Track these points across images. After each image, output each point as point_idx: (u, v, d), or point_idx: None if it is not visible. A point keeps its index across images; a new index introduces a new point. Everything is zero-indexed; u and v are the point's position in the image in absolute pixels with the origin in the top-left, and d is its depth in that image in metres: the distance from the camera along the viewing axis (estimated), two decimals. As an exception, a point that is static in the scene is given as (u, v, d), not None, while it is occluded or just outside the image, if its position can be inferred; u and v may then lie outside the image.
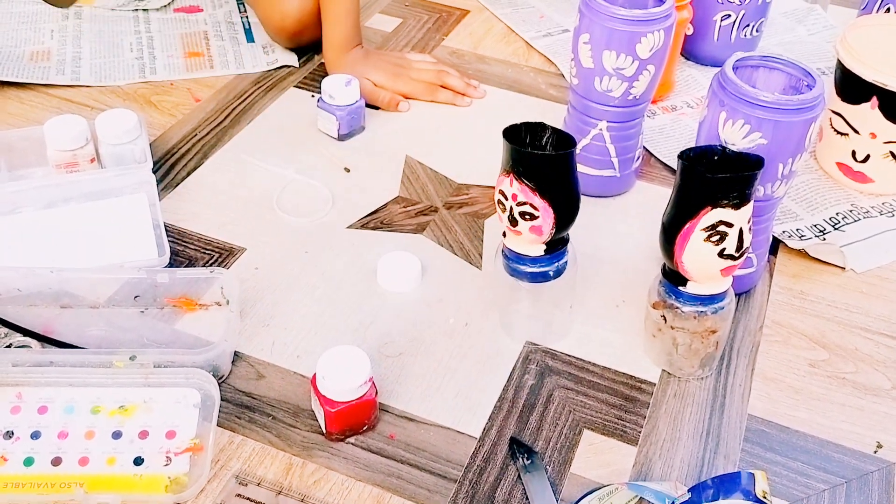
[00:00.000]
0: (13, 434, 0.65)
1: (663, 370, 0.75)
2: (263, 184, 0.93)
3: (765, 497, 0.57)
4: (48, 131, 0.87)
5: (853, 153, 0.94)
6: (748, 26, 1.13)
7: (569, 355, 0.76)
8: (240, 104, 1.06)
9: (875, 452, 0.70)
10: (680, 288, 0.70)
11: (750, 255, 0.80)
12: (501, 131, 0.68)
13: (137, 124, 0.90)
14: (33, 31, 1.17)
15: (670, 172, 0.99)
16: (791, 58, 0.75)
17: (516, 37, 1.23)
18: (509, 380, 0.74)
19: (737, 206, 0.65)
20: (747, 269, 0.81)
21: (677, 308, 0.71)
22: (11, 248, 0.82)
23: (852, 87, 0.91)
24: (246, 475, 0.65)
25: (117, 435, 0.66)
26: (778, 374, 0.76)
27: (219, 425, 0.68)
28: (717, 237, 0.66)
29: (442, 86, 1.08)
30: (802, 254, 0.88)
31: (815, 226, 0.91)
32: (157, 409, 0.67)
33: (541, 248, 0.71)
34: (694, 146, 0.70)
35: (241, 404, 0.71)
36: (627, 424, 0.71)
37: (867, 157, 0.93)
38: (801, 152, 0.73)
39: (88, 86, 1.07)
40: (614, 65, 0.83)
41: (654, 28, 0.81)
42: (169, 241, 0.83)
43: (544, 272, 0.73)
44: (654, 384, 0.74)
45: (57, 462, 0.64)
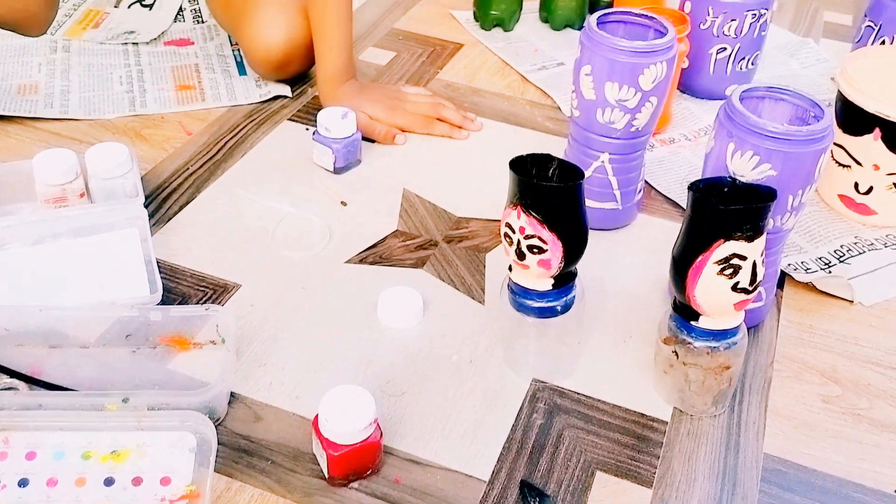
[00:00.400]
0: (-1, 482, 0.62)
1: (675, 409, 0.73)
2: (258, 218, 0.91)
3: None
4: (37, 165, 0.85)
5: (856, 185, 0.93)
6: (743, 59, 1.13)
7: (577, 393, 0.74)
8: (232, 137, 1.04)
9: (895, 492, 0.68)
10: (692, 323, 0.68)
11: (759, 288, 0.78)
12: (508, 162, 0.66)
13: (128, 158, 0.88)
14: (21, 65, 1.15)
15: (672, 205, 0.98)
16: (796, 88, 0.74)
17: (511, 70, 1.22)
18: (517, 419, 0.71)
19: (750, 239, 0.63)
20: (756, 303, 0.79)
21: (689, 343, 0.69)
22: (-3, 286, 0.79)
23: (854, 119, 0.90)
24: (245, 523, 0.62)
25: (110, 482, 0.62)
26: (792, 411, 0.74)
27: (216, 471, 0.65)
28: (730, 270, 0.64)
29: (438, 118, 1.06)
30: (809, 287, 0.86)
31: (821, 258, 0.90)
32: (151, 454, 0.64)
33: (549, 282, 0.69)
34: (703, 178, 0.68)
35: (239, 448, 0.68)
36: (641, 465, 0.68)
37: (870, 189, 0.92)
38: (810, 184, 0.72)
39: (77, 119, 1.05)
40: (617, 96, 0.82)
41: (656, 59, 0.80)
42: (161, 277, 0.80)
43: (552, 307, 0.70)
44: (667, 423, 0.72)
45: (45, 511, 0.60)
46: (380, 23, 1.33)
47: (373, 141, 1.04)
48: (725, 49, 1.11)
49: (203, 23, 1.28)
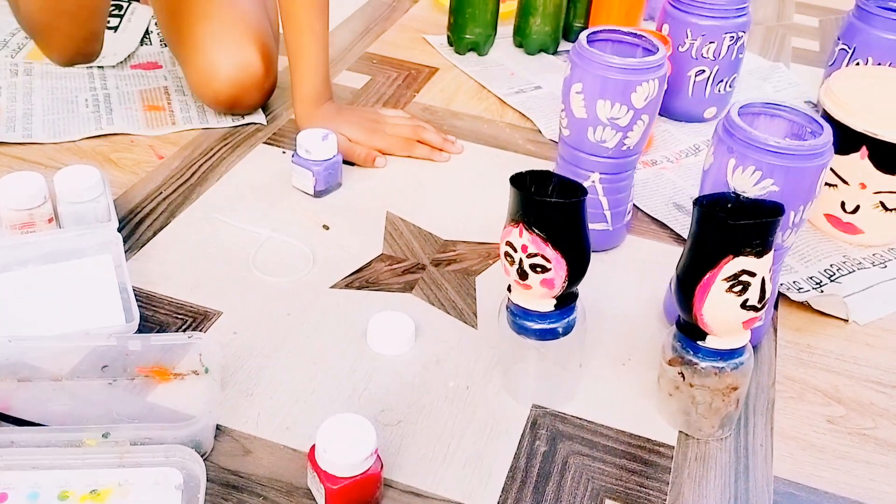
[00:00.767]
0: (-34, 527, 0.57)
1: (681, 434, 0.71)
2: (237, 243, 0.87)
3: None
4: (2, 189, 0.80)
5: (842, 204, 0.93)
6: (722, 81, 1.13)
7: (579, 418, 0.71)
8: (206, 161, 1.00)
9: (908, 512, 0.66)
10: (698, 343, 0.66)
11: (760, 307, 0.77)
12: (509, 179, 0.64)
13: (100, 181, 0.84)
14: (-21, 88, 1.10)
15: (659, 226, 0.96)
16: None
17: (488, 93, 1.21)
18: (519, 447, 0.68)
19: (759, 255, 0.62)
20: (756, 323, 0.77)
21: (696, 364, 0.67)
22: (-40, 317, 0.74)
23: (841, 138, 0.90)
24: (238, 565, 0.58)
25: (89, 524, 0.58)
26: (798, 433, 0.72)
27: (204, 509, 0.61)
28: (739, 287, 0.62)
29: (419, 141, 1.04)
30: (802, 307, 0.85)
31: (812, 278, 0.89)
32: (135, 493, 0.59)
33: (551, 302, 0.67)
34: (707, 194, 0.66)
35: (227, 484, 0.63)
36: (651, 492, 0.66)
37: (857, 208, 0.92)
38: (811, 199, 0.71)
39: (42, 143, 1.01)
40: (608, 114, 0.80)
41: (648, 77, 0.79)
42: (137, 305, 0.76)
43: (553, 329, 0.68)
44: (673, 447, 0.69)
45: (19, 559, 0.56)
46: (352, 47, 1.31)
47: (352, 164, 1.01)
48: (704, 71, 1.11)
49: (171, 46, 1.24)
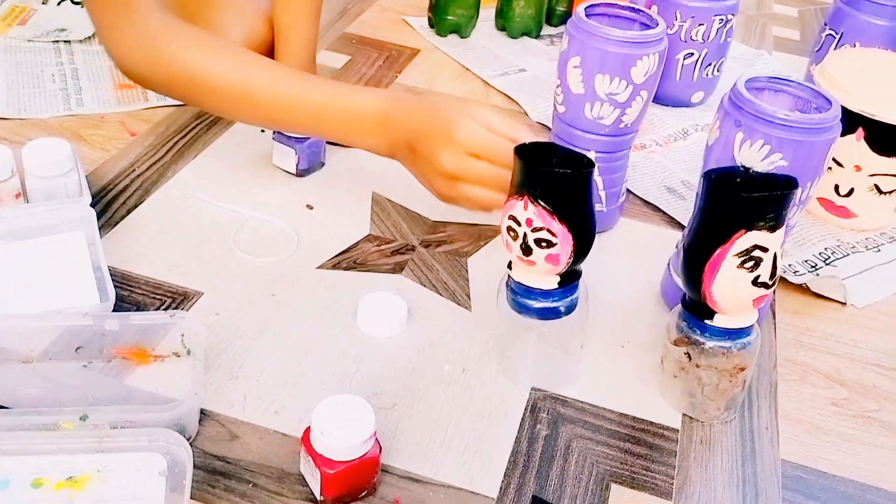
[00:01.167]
0: (-70, 518, 0.52)
1: (685, 416, 0.68)
2: (216, 222, 0.83)
3: None
4: (-35, 161, 0.75)
5: (836, 187, 0.92)
6: (710, 65, 1.12)
7: (580, 401, 0.68)
8: (181, 138, 0.96)
9: (918, 495, 0.65)
10: (706, 322, 0.64)
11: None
12: (514, 149, 0.61)
13: (71, 155, 0.79)
14: (-62, 61, 1.04)
15: (651, 209, 0.94)
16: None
17: (472, 75, 1.18)
18: (520, 430, 0.65)
19: (772, 229, 0.59)
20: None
21: (703, 344, 0.65)
22: (-79, 296, 0.69)
23: (836, 119, 0.89)
24: (227, 555, 0.54)
25: (66, 513, 0.54)
26: (803, 415, 0.70)
27: (191, 496, 0.57)
28: (751, 263, 0.60)
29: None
30: (800, 290, 0.84)
31: (807, 261, 0.87)
32: (115, 480, 0.55)
33: (554, 280, 0.64)
34: (716, 168, 0.64)
35: (214, 470, 0.60)
36: (657, 476, 0.63)
37: (851, 191, 0.91)
38: (819, 176, 0.69)
39: (6, 118, 0.95)
40: (607, 90, 0.78)
41: (649, 51, 0.77)
42: (112, 284, 0.71)
43: (555, 308, 0.65)
44: (678, 430, 0.67)
45: (-11, 551, 0.51)
46: (330, 27, 1.27)
47: (336, 144, 0.97)
48: (693, 54, 1.10)
49: (142, 22, 1.19)
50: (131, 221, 0.82)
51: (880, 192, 0.90)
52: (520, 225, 0.62)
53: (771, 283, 0.61)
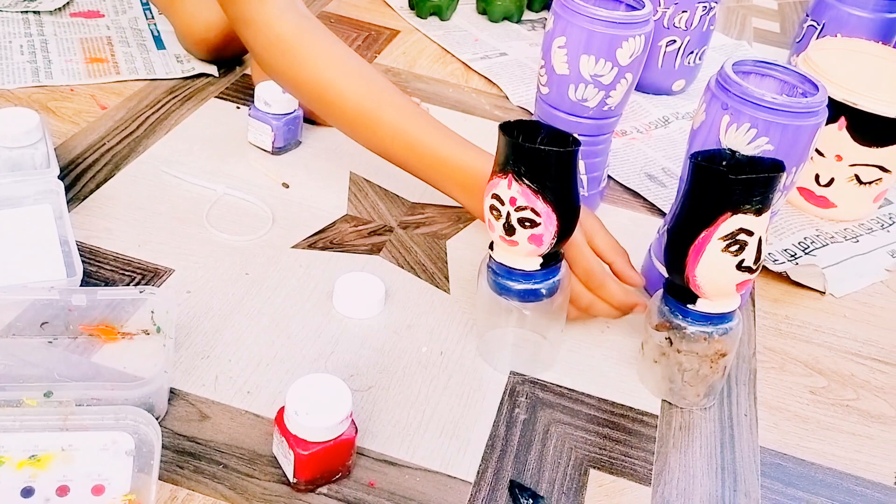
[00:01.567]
0: None
1: (664, 402, 0.67)
2: (189, 199, 0.81)
3: None
4: (-73, 129, 0.73)
5: (816, 177, 0.91)
6: (692, 53, 1.11)
7: (559, 386, 0.67)
8: (153, 113, 0.93)
9: (895, 483, 0.64)
10: (688, 306, 0.63)
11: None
12: (498, 126, 0.60)
13: (39, 125, 0.77)
14: None
15: (632, 195, 0.93)
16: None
17: (452, 58, 1.16)
18: (499, 414, 0.64)
19: (758, 213, 0.59)
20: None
21: (684, 329, 0.64)
22: None
23: (818, 108, 0.89)
24: (196, 538, 0.53)
25: (28, 492, 0.51)
26: (782, 403, 0.70)
27: (158, 477, 0.55)
28: (736, 247, 0.59)
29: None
30: (779, 278, 0.83)
31: (786, 250, 0.87)
32: (80, 459, 0.53)
33: (537, 261, 0.63)
34: (702, 150, 0.63)
35: (183, 451, 0.58)
36: (636, 462, 0.62)
37: (831, 181, 0.91)
38: (804, 161, 0.68)
39: (-29, 88, 0.92)
40: (592, 71, 0.77)
41: (635, 32, 0.76)
42: (80, 260, 0.69)
43: (536, 290, 0.64)
44: (657, 416, 0.66)
45: (-55, 531, 0.49)
46: (309, 6, 1.25)
47: (313, 122, 0.95)
48: (675, 42, 1.09)
49: (114, -5, 1.16)
50: (100, 196, 0.80)
51: (860, 182, 0.90)
52: (503, 204, 0.60)
53: (755, 267, 0.61)
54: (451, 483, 0.58)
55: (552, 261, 0.63)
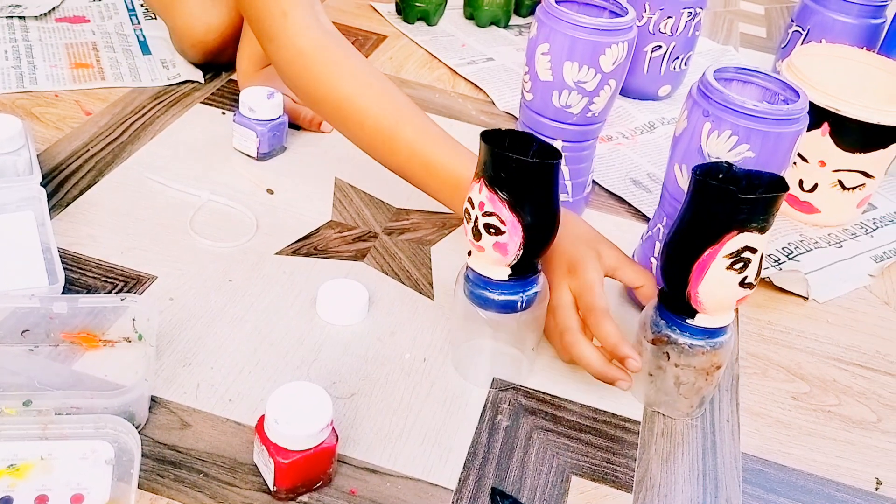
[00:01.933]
0: None
1: (646, 408, 0.68)
2: (172, 205, 0.81)
3: None
4: None
5: (800, 183, 0.92)
6: (678, 59, 1.11)
7: (543, 393, 0.68)
8: (138, 119, 0.93)
9: (876, 489, 0.64)
10: (687, 321, 0.62)
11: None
12: (480, 133, 0.60)
13: (21, 131, 0.77)
14: None
15: (617, 201, 0.93)
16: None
17: (439, 63, 1.16)
18: (481, 421, 0.64)
19: (763, 230, 0.58)
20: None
21: (683, 344, 0.63)
22: None
23: (802, 114, 0.89)
24: (176, 547, 0.52)
25: (7, 502, 0.51)
26: (764, 409, 0.70)
27: (138, 486, 0.55)
28: (740, 265, 0.58)
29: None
30: (763, 283, 0.83)
31: (770, 256, 0.87)
32: (60, 468, 0.53)
33: (505, 271, 0.62)
34: (701, 164, 0.62)
35: (164, 459, 0.57)
36: (618, 468, 0.62)
37: (815, 187, 0.91)
38: (785, 167, 0.68)
39: (-46, 93, 0.92)
40: (575, 78, 0.77)
41: (618, 39, 0.76)
42: (62, 267, 0.69)
43: (511, 301, 0.63)
44: (639, 423, 0.66)
45: (-78, 541, 0.49)
46: (296, 11, 1.25)
47: (297, 127, 0.95)
48: (661, 47, 1.09)
49: (99, 0, 1.16)
50: (83, 203, 0.79)
51: (844, 187, 0.90)
52: (473, 208, 0.60)
53: (755, 283, 0.60)
54: (433, 491, 0.58)
55: (524, 272, 0.62)
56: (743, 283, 0.59)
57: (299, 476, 0.55)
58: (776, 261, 0.87)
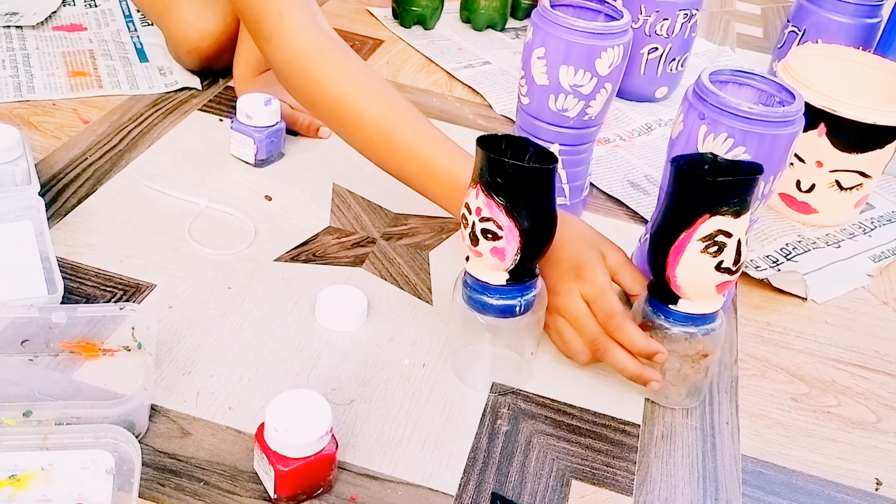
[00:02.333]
0: None
1: (646, 411, 0.68)
2: (171, 213, 0.81)
3: None
4: None
5: (798, 183, 0.92)
6: (674, 60, 1.11)
7: (542, 396, 0.68)
8: (136, 127, 0.93)
9: (876, 490, 0.65)
10: (670, 307, 0.63)
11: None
12: (476, 138, 0.60)
13: (19, 141, 0.77)
14: None
15: (615, 203, 0.94)
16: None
17: (435, 67, 1.17)
18: (481, 426, 0.64)
19: (737, 214, 0.59)
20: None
21: (666, 329, 0.64)
22: None
23: (798, 115, 0.89)
24: (177, 556, 0.53)
25: (7, 513, 0.51)
26: (763, 410, 0.70)
27: (139, 495, 0.55)
28: (714, 248, 0.60)
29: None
30: (761, 284, 0.84)
31: (768, 256, 0.87)
32: (60, 478, 0.53)
33: (502, 276, 0.62)
34: (683, 154, 0.63)
35: (164, 468, 0.58)
36: (618, 472, 0.63)
37: (812, 187, 0.91)
38: (781, 169, 0.69)
39: (-48, 103, 0.92)
40: (571, 81, 0.77)
41: (614, 42, 0.76)
42: (61, 276, 0.69)
43: (510, 306, 0.63)
44: (639, 426, 0.66)
45: (-77, 553, 0.49)
46: (292, 17, 1.25)
47: (295, 133, 0.95)
48: (657, 49, 1.09)
49: (95, 7, 1.16)
50: (82, 211, 0.80)
51: (841, 188, 0.90)
52: (470, 213, 0.60)
53: (735, 269, 0.61)
54: (433, 496, 0.58)
55: (522, 277, 0.63)
56: (720, 268, 0.60)
57: (299, 483, 0.55)
58: (774, 261, 0.87)
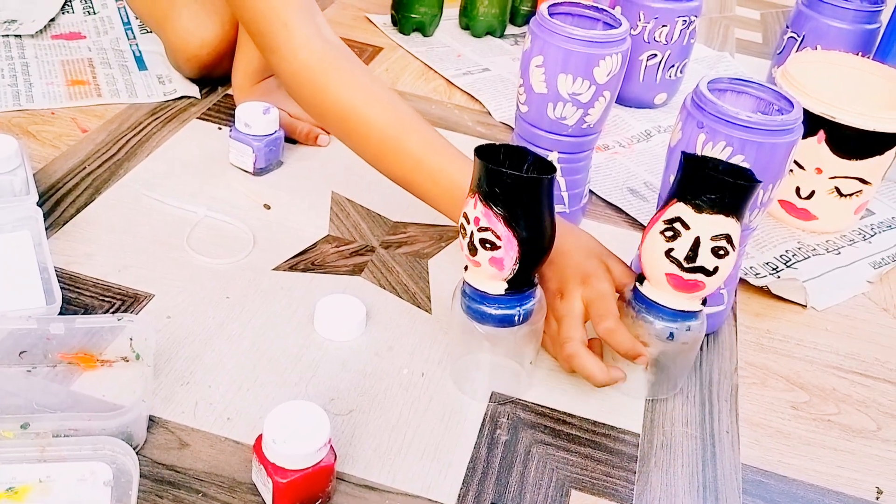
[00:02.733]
0: None
1: (645, 420, 0.68)
2: (169, 222, 0.81)
3: None
4: None
5: (797, 190, 0.92)
6: (673, 67, 1.11)
7: (541, 406, 0.67)
8: (134, 136, 0.93)
9: (877, 499, 0.64)
10: (637, 285, 0.66)
11: (722, 290, 0.74)
12: (473, 148, 0.60)
13: (17, 151, 0.77)
14: None
15: (614, 210, 0.94)
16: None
17: (435, 74, 1.17)
18: (480, 436, 0.64)
19: (698, 209, 0.59)
20: (717, 307, 0.75)
21: (632, 306, 0.66)
22: None
23: (797, 122, 0.89)
24: (175, 569, 0.52)
25: (5, 526, 0.51)
26: (763, 419, 0.70)
27: (137, 507, 0.55)
28: (670, 233, 0.61)
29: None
30: (761, 292, 0.83)
31: (768, 263, 0.87)
32: (58, 490, 0.53)
33: (502, 285, 0.62)
34: (692, 153, 0.63)
35: (162, 479, 0.57)
36: (618, 482, 0.62)
37: (812, 194, 0.91)
38: (780, 178, 0.68)
39: (-49, 113, 0.92)
40: (570, 90, 0.77)
41: (612, 51, 0.76)
42: (59, 286, 0.69)
43: (508, 315, 0.63)
44: (639, 435, 0.66)
45: (-80, 567, 0.49)
46: (291, 24, 1.25)
47: (294, 142, 0.95)
48: (656, 56, 1.09)
49: (94, 14, 1.16)
50: (80, 221, 0.80)
51: (841, 194, 0.90)
52: (469, 223, 0.60)
53: (686, 265, 0.61)
54: (432, 507, 0.58)
55: (520, 287, 0.62)
56: (669, 255, 0.61)
57: (298, 495, 0.55)
58: (774, 269, 0.87)
